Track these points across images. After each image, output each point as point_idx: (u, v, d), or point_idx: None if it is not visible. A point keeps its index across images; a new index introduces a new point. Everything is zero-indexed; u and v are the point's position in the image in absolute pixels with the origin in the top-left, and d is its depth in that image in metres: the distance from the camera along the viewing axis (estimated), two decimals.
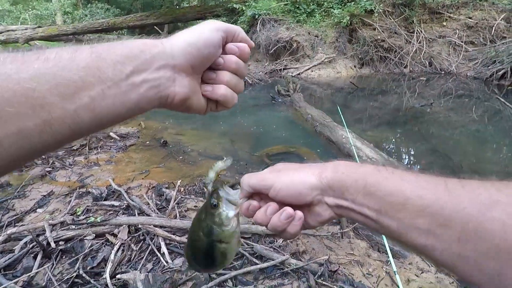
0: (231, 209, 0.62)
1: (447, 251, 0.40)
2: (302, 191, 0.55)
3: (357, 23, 10.03)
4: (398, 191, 0.45)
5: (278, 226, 0.56)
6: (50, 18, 18.10)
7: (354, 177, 0.51)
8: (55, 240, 1.99)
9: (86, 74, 0.41)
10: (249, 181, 0.60)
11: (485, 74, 8.39)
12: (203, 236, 0.64)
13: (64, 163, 3.46)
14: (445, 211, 0.40)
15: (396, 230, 0.45)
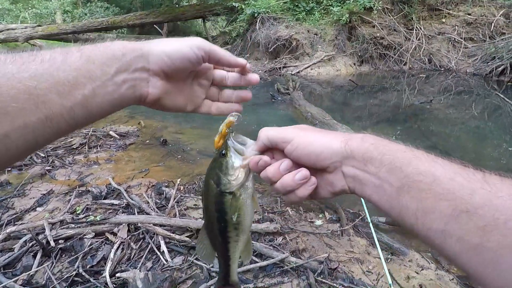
0: (238, 159, 0.62)
1: (464, 239, 0.38)
2: (322, 153, 0.53)
3: (356, 21, 10.00)
4: (428, 171, 0.43)
5: (289, 185, 0.55)
6: (50, 17, 18.08)
7: (382, 151, 0.49)
8: (55, 239, 1.99)
9: (78, 75, 0.46)
10: (267, 132, 0.58)
11: (484, 71, 8.38)
12: (213, 184, 0.64)
13: (63, 161, 3.46)
14: (476, 197, 0.38)
15: (413, 211, 0.43)
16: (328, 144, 0.53)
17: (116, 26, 12.35)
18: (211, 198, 0.64)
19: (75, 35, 12.27)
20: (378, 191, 0.48)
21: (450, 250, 0.40)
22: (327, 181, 0.55)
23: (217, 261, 0.73)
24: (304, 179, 0.54)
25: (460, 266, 0.40)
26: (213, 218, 0.66)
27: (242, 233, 0.67)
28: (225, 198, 0.63)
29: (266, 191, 2.90)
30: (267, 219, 2.28)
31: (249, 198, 0.64)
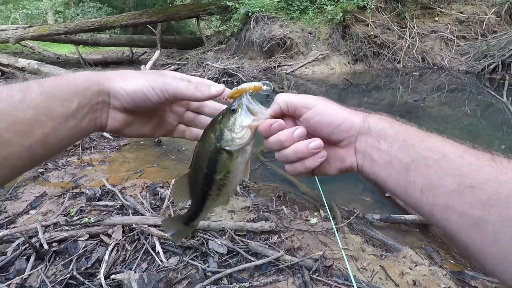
0: (248, 117, 0.59)
1: (466, 213, 0.38)
2: (343, 124, 0.53)
3: (350, 20, 10.04)
4: (438, 147, 0.44)
5: (301, 152, 0.54)
6: (41, 18, 17.90)
7: (397, 129, 0.50)
8: (48, 242, 1.97)
9: (38, 113, 0.46)
10: (286, 97, 0.57)
11: (476, 68, 8.46)
12: (213, 138, 0.61)
13: (57, 163, 3.43)
14: (482, 173, 0.39)
15: (419, 187, 0.44)
16: (350, 117, 0.53)
17: (109, 26, 12.24)
18: (205, 153, 0.62)
19: (68, 36, 12.15)
20: (387, 168, 0.49)
21: (452, 226, 0.40)
22: (337, 156, 0.56)
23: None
24: (318, 149, 0.54)
25: (460, 242, 0.40)
26: (201, 172, 0.63)
27: (223, 195, 0.66)
28: (220, 156, 0.60)
29: (261, 190, 2.90)
30: (262, 218, 2.29)
31: (243, 163, 0.62)
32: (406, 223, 2.34)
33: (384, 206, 2.69)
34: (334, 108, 0.54)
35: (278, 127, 0.56)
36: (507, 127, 4.80)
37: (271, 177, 3.21)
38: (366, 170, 0.53)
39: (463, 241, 0.40)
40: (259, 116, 0.59)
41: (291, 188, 2.98)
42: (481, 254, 0.38)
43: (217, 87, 0.61)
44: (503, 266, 0.35)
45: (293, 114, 0.57)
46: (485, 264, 0.38)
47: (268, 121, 0.57)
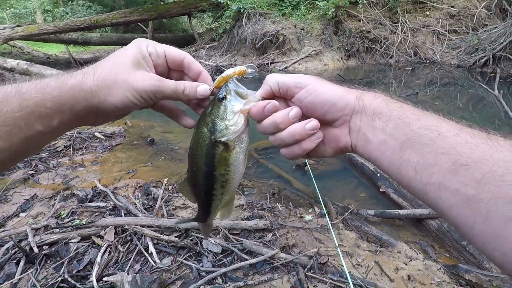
0: (238, 102, 0.57)
1: (460, 191, 0.38)
2: (338, 103, 0.52)
3: (342, 15, 10.03)
4: (434, 126, 0.44)
5: (298, 133, 0.53)
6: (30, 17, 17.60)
7: (392, 107, 0.49)
8: (39, 245, 1.94)
9: (13, 129, 0.46)
10: (277, 78, 0.56)
11: (468, 62, 8.53)
12: (206, 132, 0.58)
13: (48, 165, 3.37)
14: (477, 151, 0.38)
15: (413, 165, 0.43)
16: (345, 95, 0.52)
17: (99, 25, 12.07)
18: (201, 149, 0.59)
19: (57, 35, 11.96)
20: (381, 147, 0.48)
21: (445, 204, 0.40)
22: (332, 136, 0.55)
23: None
24: (315, 130, 0.53)
25: (451, 220, 0.40)
26: (200, 172, 0.61)
27: (228, 191, 0.63)
28: (217, 150, 0.58)
29: (256, 187, 2.89)
30: (257, 216, 2.27)
31: (242, 154, 0.59)
32: (400, 218, 2.35)
33: (379, 202, 2.69)
34: (328, 87, 0.53)
35: (272, 108, 0.54)
36: (499, 120, 4.84)
37: (266, 175, 3.19)
38: (360, 149, 0.52)
39: (455, 219, 0.40)
40: (250, 99, 0.57)
41: (286, 185, 2.97)
42: (472, 232, 0.37)
43: (203, 91, 0.60)
44: (493, 244, 0.35)
45: (285, 95, 0.56)
46: (475, 242, 0.38)
47: (261, 103, 0.55)
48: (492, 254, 0.36)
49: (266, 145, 3.89)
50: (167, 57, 0.61)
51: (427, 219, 2.25)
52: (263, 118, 0.55)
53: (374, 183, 2.86)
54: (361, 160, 3.15)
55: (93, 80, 0.54)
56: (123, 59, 0.57)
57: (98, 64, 0.57)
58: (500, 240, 0.34)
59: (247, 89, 0.59)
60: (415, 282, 1.69)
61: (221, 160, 0.58)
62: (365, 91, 0.54)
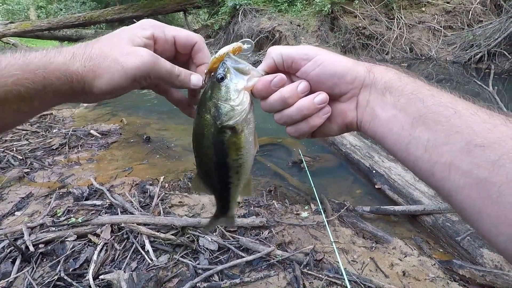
0: (241, 79, 0.52)
1: (472, 173, 0.36)
2: (347, 75, 0.49)
3: (338, 11, 10.01)
4: (450, 103, 0.41)
5: (307, 108, 0.49)
6: (23, 13, 17.38)
7: (405, 81, 0.46)
8: (35, 243, 1.93)
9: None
10: (281, 49, 0.51)
11: (463, 58, 8.55)
12: (210, 119, 0.53)
13: (43, 163, 3.35)
14: (495, 132, 0.36)
15: (423, 143, 0.41)
16: (354, 67, 0.49)
17: (93, 21, 11.98)
18: (207, 138, 0.54)
19: (51, 32, 11.85)
20: (389, 123, 0.45)
21: (453, 185, 0.38)
22: (338, 111, 0.51)
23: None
24: (324, 104, 0.49)
25: (457, 202, 0.38)
26: (211, 163, 0.57)
27: (244, 175, 0.59)
28: (225, 136, 0.53)
29: (252, 185, 2.89)
30: (253, 213, 2.28)
31: (252, 135, 0.55)
32: (396, 214, 2.37)
33: (375, 198, 2.71)
34: (336, 58, 0.50)
35: (280, 82, 0.50)
36: None
37: (262, 172, 3.20)
38: (365, 125, 0.49)
39: (462, 202, 0.38)
40: (253, 74, 0.52)
41: (282, 182, 2.98)
42: (479, 215, 0.36)
43: (196, 80, 0.57)
44: (499, 229, 0.34)
45: (289, 69, 0.52)
46: (480, 226, 0.36)
47: (266, 77, 0.51)
48: (496, 239, 0.35)
49: (263, 143, 3.90)
50: (177, 42, 0.56)
51: (422, 215, 2.27)
52: (269, 94, 0.51)
53: (370, 179, 2.87)
54: (357, 156, 3.16)
55: (81, 60, 0.48)
56: (120, 36, 0.52)
57: (92, 41, 0.52)
58: (507, 225, 0.33)
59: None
60: (410, 278, 1.71)
61: (231, 145, 0.54)
62: (375, 64, 0.51)
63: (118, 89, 0.50)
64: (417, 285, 1.66)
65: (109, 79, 0.49)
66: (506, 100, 5.60)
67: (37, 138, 4.04)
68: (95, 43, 0.51)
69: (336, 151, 3.51)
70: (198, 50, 0.58)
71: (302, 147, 3.62)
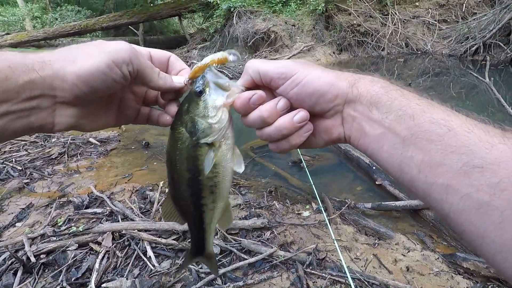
0: (220, 95, 0.50)
1: (472, 196, 0.33)
2: (327, 93, 0.46)
3: (332, 9, 10.03)
4: (442, 119, 0.38)
5: (286, 128, 0.48)
6: (19, 24, 17.37)
7: (393, 95, 0.43)
8: (36, 254, 1.92)
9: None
10: (259, 66, 0.49)
11: (459, 51, 8.57)
12: (185, 134, 0.50)
13: (42, 173, 3.34)
14: (494, 152, 0.33)
15: (417, 164, 0.38)
16: (335, 83, 0.46)
17: (89, 29, 12.00)
18: (180, 153, 0.51)
19: (47, 42, 11.87)
20: (379, 141, 0.43)
21: (452, 208, 0.36)
22: (323, 127, 0.50)
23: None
24: (304, 122, 0.48)
25: (457, 226, 0.36)
26: (183, 181, 0.52)
27: (220, 198, 0.54)
28: (200, 152, 0.50)
29: (252, 186, 2.88)
30: (254, 215, 2.27)
31: (230, 151, 0.52)
32: (397, 209, 2.36)
33: (376, 194, 2.70)
34: (316, 74, 0.47)
35: (258, 101, 0.48)
36: (491, 107, 4.88)
37: (262, 173, 3.19)
38: (354, 141, 0.47)
39: (462, 225, 0.35)
40: (233, 90, 0.50)
41: (283, 182, 2.97)
42: (482, 240, 0.34)
43: (179, 79, 0.54)
44: (505, 255, 0.32)
45: (268, 85, 0.50)
46: (484, 251, 0.34)
47: (245, 95, 0.49)
48: (502, 265, 0.33)
49: (262, 143, 3.89)
50: (153, 58, 0.55)
51: (423, 209, 2.26)
52: (249, 111, 0.49)
53: (370, 176, 2.87)
54: (356, 153, 3.15)
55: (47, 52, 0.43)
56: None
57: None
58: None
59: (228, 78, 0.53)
60: (414, 273, 1.70)
61: (207, 162, 0.51)
62: (360, 76, 0.48)
63: (96, 73, 0.43)
64: (421, 280, 1.65)
65: (88, 61, 0.43)
66: (504, 91, 5.60)
67: (36, 148, 4.04)
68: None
69: (335, 149, 3.50)
70: (174, 62, 0.57)
71: None
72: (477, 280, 1.66)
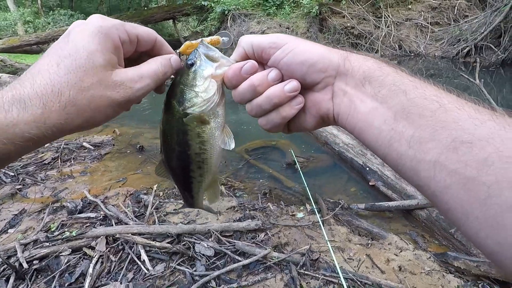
0: (209, 66, 0.51)
1: (458, 172, 0.33)
2: (319, 62, 0.45)
3: (326, 12, 10.12)
4: (434, 96, 0.38)
5: (277, 97, 0.47)
6: (10, 29, 17.23)
7: (386, 71, 0.43)
8: (28, 260, 1.91)
9: None
10: (252, 38, 0.49)
11: (451, 53, 8.68)
12: (175, 105, 0.51)
13: (35, 178, 3.32)
14: (483, 128, 0.33)
15: (407, 139, 0.38)
16: (326, 54, 0.46)
17: None
18: (171, 125, 0.53)
19: (40, 46, 11.80)
20: (369, 116, 0.42)
21: (438, 185, 0.35)
22: (313, 101, 0.49)
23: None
24: (295, 91, 0.47)
25: (443, 203, 0.36)
26: (173, 153, 0.55)
27: (208, 173, 0.56)
28: (189, 126, 0.51)
29: (247, 188, 2.89)
30: (248, 217, 2.28)
31: (219, 130, 0.53)
32: (390, 210, 2.38)
33: (369, 195, 2.72)
34: (308, 45, 0.47)
35: (251, 69, 0.48)
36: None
37: (257, 175, 3.20)
38: (343, 118, 0.46)
39: (447, 203, 0.35)
40: (223, 62, 0.51)
41: (277, 184, 2.98)
42: (465, 217, 0.33)
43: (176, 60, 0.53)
44: (488, 232, 0.32)
45: (260, 58, 0.50)
46: (467, 228, 0.34)
47: (237, 64, 0.49)
48: (484, 242, 0.33)
49: (257, 146, 3.91)
50: (139, 40, 0.51)
51: (416, 209, 2.28)
52: (240, 81, 0.49)
53: (364, 177, 2.89)
54: (350, 155, 3.18)
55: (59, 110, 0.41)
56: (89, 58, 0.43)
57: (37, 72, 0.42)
58: (497, 229, 0.31)
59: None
60: (406, 272, 1.72)
61: (194, 137, 0.52)
62: (353, 52, 0.47)
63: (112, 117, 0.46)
64: (413, 279, 1.67)
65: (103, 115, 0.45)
66: (495, 92, 5.68)
67: (28, 153, 4.01)
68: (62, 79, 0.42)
69: (329, 150, 3.53)
70: (161, 45, 0.54)
71: (296, 148, 3.63)
72: (467, 279, 1.68)
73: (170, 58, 0.52)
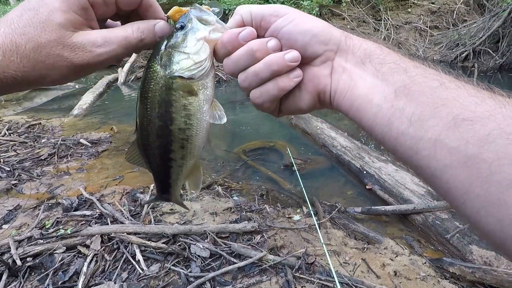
0: (203, 28, 0.46)
1: (459, 149, 0.33)
2: (320, 34, 0.44)
3: (326, 14, 10.12)
4: (434, 75, 0.38)
5: (276, 63, 0.44)
6: None
7: (386, 50, 0.43)
8: (22, 257, 1.89)
9: None
10: (251, 7, 0.46)
11: (450, 57, 8.70)
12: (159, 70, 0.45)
13: (31, 174, 3.30)
14: (484, 106, 0.33)
15: (408, 116, 0.37)
16: (329, 28, 0.45)
17: None
18: (152, 95, 0.46)
19: None
20: (368, 94, 0.41)
21: (438, 164, 0.35)
22: (311, 76, 0.46)
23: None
24: (295, 62, 0.45)
25: (442, 183, 0.35)
26: (153, 128, 0.48)
27: (191, 155, 0.50)
28: (174, 96, 0.45)
29: (244, 190, 2.89)
30: (245, 218, 2.27)
31: (208, 103, 0.48)
32: (387, 214, 2.38)
33: (366, 199, 2.73)
34: (310, 17, 0.46)
35: (249, 36, 0.45)
36: None
37: (254, 176, 3.19)
38: (340, 96, 0.45)
39: (447, 183, 0.34)
40: (217, 26, 0.47)
41: (274, 186, 2.98)
42: (466, 195, 0.33)
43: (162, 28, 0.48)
44: (489, 209, 0.31)
45: (259, 28, 0.47)
46: (467, 207, 0.33)
47: (234, 30, 0.46)
48: (485, 220, 0.32)
49: (255, 146, 3.90)
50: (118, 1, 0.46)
51: (412, 214, 2.29)
52: (236, 48, 0.46)
53: (361, 180, 2.89)
54: (347, 158, 3.18)
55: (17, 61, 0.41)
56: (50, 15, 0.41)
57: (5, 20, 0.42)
58: (498, 206, 0.31)
59: None
60: (401, 277, 1.72)
61: (180, 109, 0.46)
62: (355, 34, 0.47)
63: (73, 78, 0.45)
64: (408, 285, 1.67)
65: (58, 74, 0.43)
66: None
67: (25, 148, 3.98)
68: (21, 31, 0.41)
69: (327, 153, 3.53)
70: (148, 6, 0.49)
71: (294, 150, 3.63)
72: (462, 285, 1.69)
73: (155, 24, 0.47)
